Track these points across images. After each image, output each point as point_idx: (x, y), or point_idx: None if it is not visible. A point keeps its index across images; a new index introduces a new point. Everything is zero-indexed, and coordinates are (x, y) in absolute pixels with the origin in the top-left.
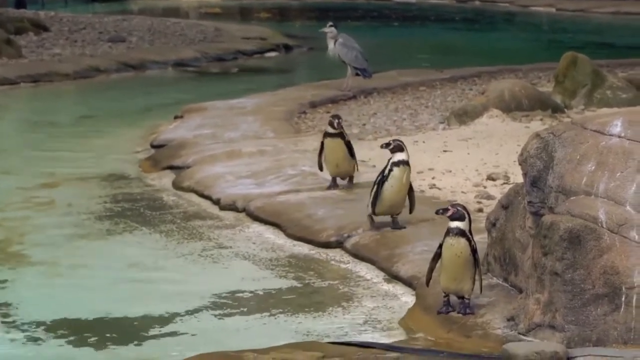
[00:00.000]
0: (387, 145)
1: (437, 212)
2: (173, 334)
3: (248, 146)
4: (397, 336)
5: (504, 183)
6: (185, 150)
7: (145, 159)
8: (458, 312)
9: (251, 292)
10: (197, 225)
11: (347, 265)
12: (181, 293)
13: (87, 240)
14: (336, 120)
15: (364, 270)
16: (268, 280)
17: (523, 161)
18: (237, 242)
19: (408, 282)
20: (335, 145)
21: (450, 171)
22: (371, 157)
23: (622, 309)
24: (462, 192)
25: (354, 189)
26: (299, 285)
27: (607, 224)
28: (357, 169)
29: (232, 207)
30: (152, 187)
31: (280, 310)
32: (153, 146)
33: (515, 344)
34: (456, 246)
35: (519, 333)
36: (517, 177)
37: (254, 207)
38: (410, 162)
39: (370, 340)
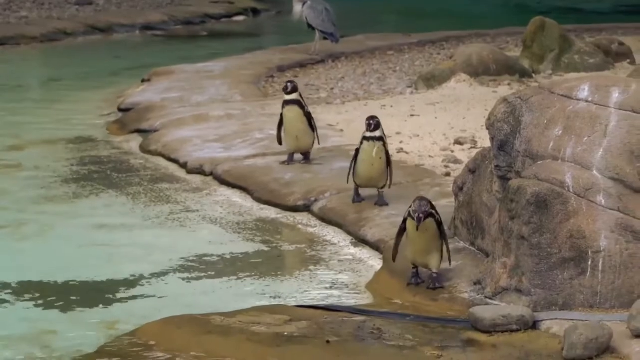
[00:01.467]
0: (369, 125)
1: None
2: (140, 297)
3: (216, 110)
4: (364, 300)
5: (472, 147)
6: (153, 113)
7: (112, 122)
8: (427, 287)
9: (218, 255)
10: (164, 189)
11: (314, 229)
12: (148, 256)
13: (54, 203)
14: (289, 84)
15: (331, 234)
16: (235, 244)
17: (490, 125)
18: (205, 205)
19: (375, 246)
20: (293, 115)
21: (418, 135)
22: (339, 122)
23: (589, 273)
24: (430, 156)
25: (316, 158)
26: (266, 248)
27: (574, 188)
28: (319, 143)
29: (199, 171)
30: (120, 150)
31: (248, 273)
32: (120, 110)
33: (481, 308)
34: (422, 226)
35: (486, 297)
36: (485, 141)
37: (222, 171)
38: None
39: (337, 303)
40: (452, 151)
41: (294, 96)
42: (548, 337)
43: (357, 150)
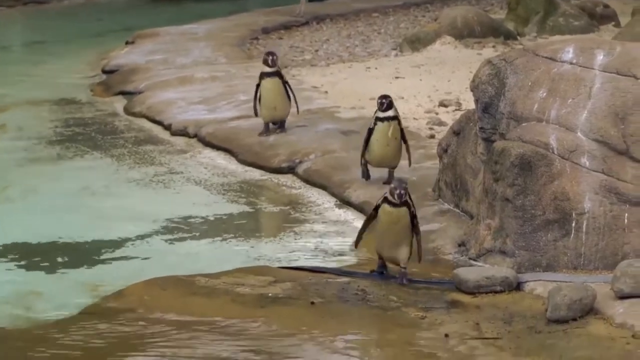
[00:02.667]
0: (381, 105)
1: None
2: (124, 258)
3: (200, 72)
4: (348, 261)
5: (456, 109)
6: (137, 75)
7: (96, 84)
8: (398, 283)
9: (203, 217)
10: (148, 151)
11: (299, 190)
12: (132, 218)
13: (38, 164)
14: (271, 57)
15: (316, 195)
16: (219, 206)
17: (475, 87)
18: (189, 167)
19: (359, 208)
20: (272, 86)
21: (403, 97)
22: (323, 84)
23: (572, 235)
24: (414, 118)
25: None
26: (250, 210)
27: (558, 150)
28: (298, 112)
29: (183, 133)
30: (104, 112)
31: (232, 235)
32: (105, 71)
33: (465, 269)
34: (395, 213)
35: (470, 258)
36: (469, 103)
37: (206, 133)
38: (362, 89)
39: (322, 265)
40: (437, 113)
41: (274, 68)
42: (532, 299)
43: (370, 130)
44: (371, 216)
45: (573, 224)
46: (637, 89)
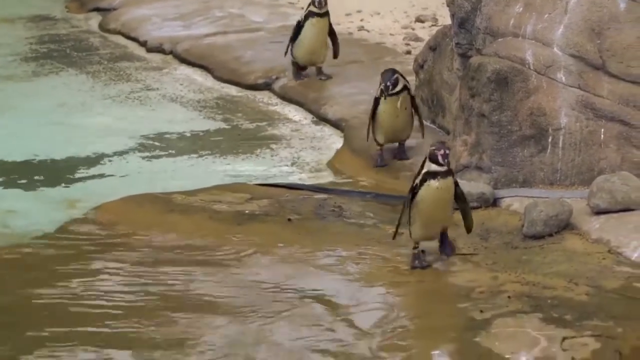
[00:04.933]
0: (387, 88)
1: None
2: (101, 175)
3: None
4: (325, 177)
5: (432, 25)
6: None
7: (71, 0)
8: (444, 255)
9: (179, 133)
10: (124, 67)
11: (275, 107)
12: (108, 135)
13: (13, 81)
14: None
15: (292, 112)
16: (196, 122)
17: (451, 2)
18: (165, 84)
19: (336, 124)
20: (318, 30)
21: (379, 13)
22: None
23: (549, 150)
24: (391, 34)
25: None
26: (227, 127)
27: (535, 65)
28: (336, 56)
29: (159, 49)
30: (79, 28)
31: (209, 152)
32: None
33: None
34: (443, 187)
35: None
36: (446, 19)
37: (181, 49)
38: (338, 3)
39: (298, 181)
40: (413, 29)
41: (325, 9)
42: (508, 214)
43: (375, 107)
44: (409, 202)
45: (549, 140)
46: (613, 4)
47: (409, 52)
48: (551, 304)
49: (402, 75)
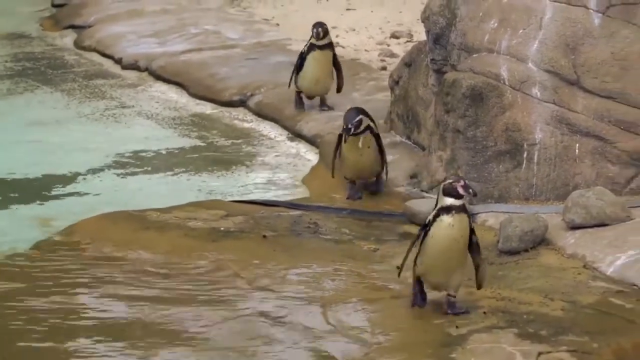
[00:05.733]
0: (348, 130)
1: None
2: (76, 193)
3: (151, 5)
4: (300, 194)
5: (408, 41)
6: (87, 9)
7: (46, 17)
8: (448, 312)
9: (154, 151)
10: (99, 85)
11: (251, 124)
12: (83, 153)
13: None
14: (317, 29)
15: (268, 128)
16: (171, 140)
17: (426, 19)
18: (140, 101)
19: (311, 141)
20: (321, 63)
21: (354, 29)
22: (274, 16)
23: (524, 166)
24: (366, 50)
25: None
26: (202, 144)
27: (509, 81)
28: (339, 90)
29: (134, 67)
30: (54, 46)
31: (184, 169)
32: (54, 5)
33: (418, 202)
34: (457, 226)
35: (422, 190)
36: (421, 35)
37: (157, 66)
38: (313, 21)
39: (274, 198)
40: (388, 45)
41: (326, 40)
42: (484, 230)
43: (338, 144)
44: (419, 237)
45: (524, 155)
46: (588, 20)
47: (384, 68)
48: (527, 320)
49: (367, 114)
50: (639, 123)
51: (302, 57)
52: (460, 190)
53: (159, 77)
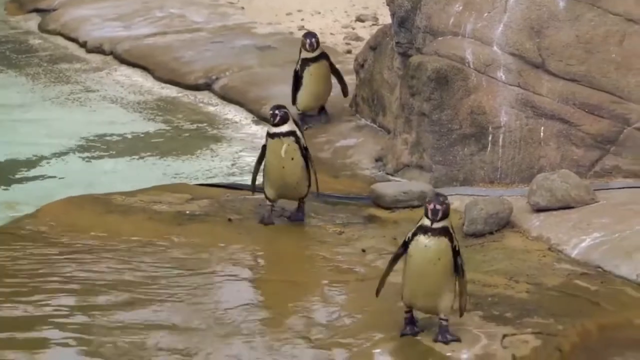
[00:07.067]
0: (273, 117)
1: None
2: (41, 177)
3: None
4: None
5: (373, 24)
6: None
7: (10, 1)
8: (437, 340)
9: (119, 135)
10: (63, 69)
11: (216, 107)
12: (48, 136)
13: None
14: (310, 40)
15: (233, 112)
16: (136, 123)
17: (391, 2)
18: (105, 85)
19: None
20: (318, 77)
21: (319, 13)
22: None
23: (489, 149)
24: (331, 33)
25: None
26: (167, 128)
27: (474, 64)
28: (345, 95)
29: (99, 50)
30: (18, 29)
31: (149, 153)
32: None
33: (383, 184)
34: (433, 247)
35: (387, 173)
36: (386, 18)
37: (122, 50)
38: (278, 4)
39: (239, 181)
40: (354, 28)
41: (317, 52)
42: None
43: (263, 151)
44: (397, 256)
45: (489, 138)
46: (553, 3)
47: (349, 52)
48: (491, 302)
49: (295, 122)
50: (603, 106)
51: (298, 75)
52: (428, 213)
53: (123, 61)
